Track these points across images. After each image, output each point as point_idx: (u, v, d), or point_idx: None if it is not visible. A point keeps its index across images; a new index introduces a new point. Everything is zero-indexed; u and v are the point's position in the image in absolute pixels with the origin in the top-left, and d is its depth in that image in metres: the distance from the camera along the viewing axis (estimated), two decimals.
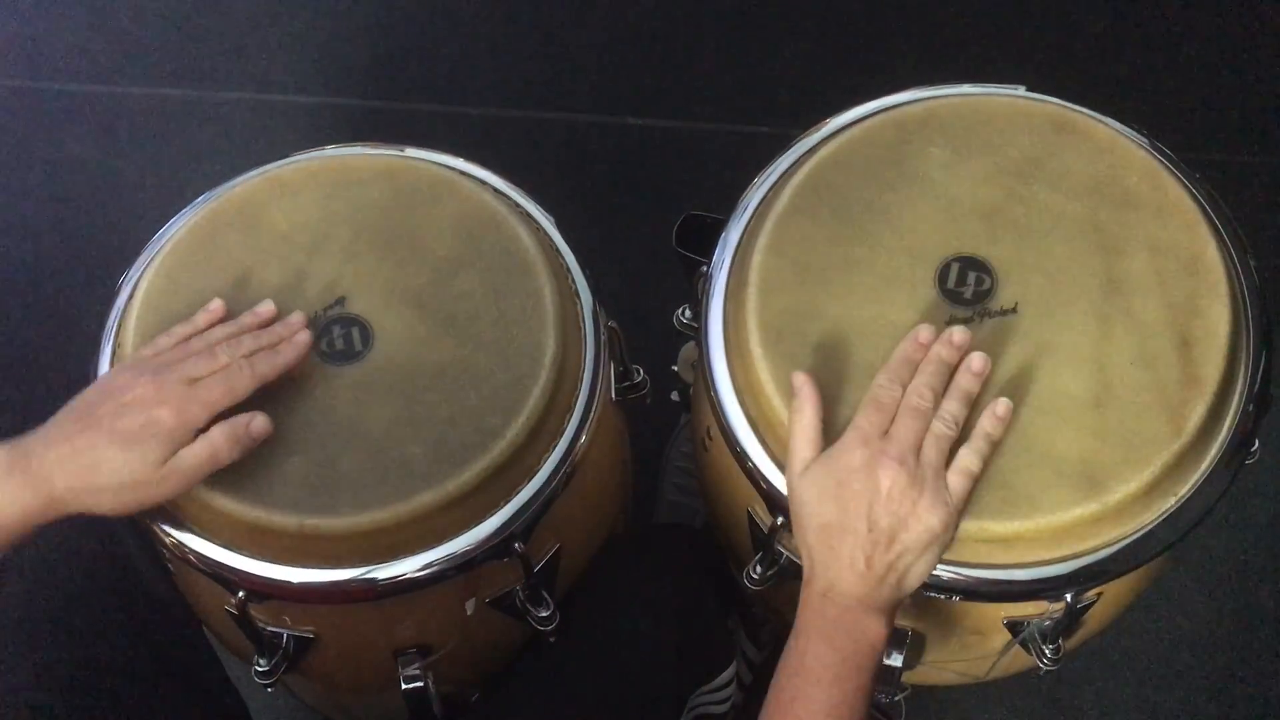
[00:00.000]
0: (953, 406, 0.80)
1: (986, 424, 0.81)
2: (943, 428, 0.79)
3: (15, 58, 1.70)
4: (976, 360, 0.82)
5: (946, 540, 0.78)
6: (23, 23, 1.73)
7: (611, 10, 1.72)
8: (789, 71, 1.67)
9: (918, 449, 0.78)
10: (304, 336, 0.85)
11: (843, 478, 0.77)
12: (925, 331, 0.83)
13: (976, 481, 0.80)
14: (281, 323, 0.86)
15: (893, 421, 0.79)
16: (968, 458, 0.79)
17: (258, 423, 0.80)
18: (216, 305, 0.87)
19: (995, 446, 0.81)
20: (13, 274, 1.54)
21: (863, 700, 0.76)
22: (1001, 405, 0.81)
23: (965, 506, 0.79)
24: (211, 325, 0.86)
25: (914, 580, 0.78)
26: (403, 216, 0.92)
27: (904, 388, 0.81)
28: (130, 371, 0.80)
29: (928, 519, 0.77)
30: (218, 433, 0.78)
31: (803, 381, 0.81)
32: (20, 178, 1.61)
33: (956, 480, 0.79)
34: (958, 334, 0.83)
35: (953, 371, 0.82)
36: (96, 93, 1.67)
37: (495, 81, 1.67)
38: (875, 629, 0.77)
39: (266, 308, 0.87)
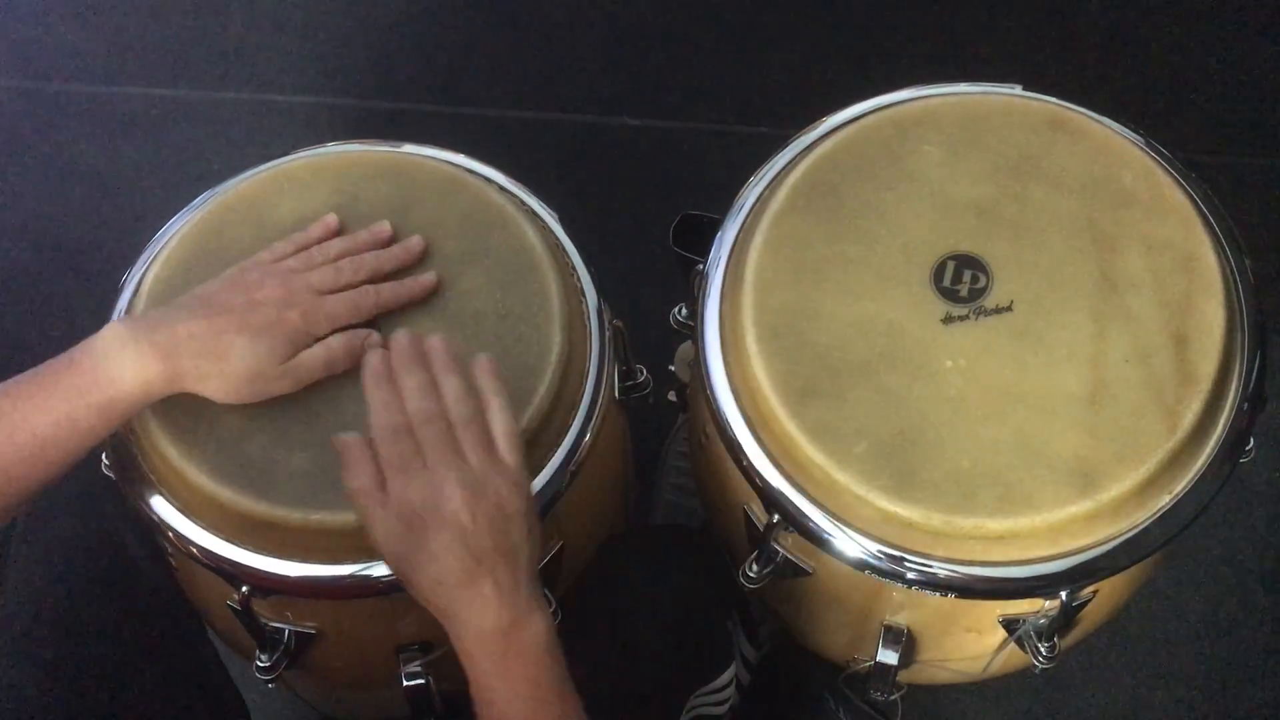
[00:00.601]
0: (450, 392, 0.75)
1: (482, 381, 0.76)
2: (461, 420, 0.74)
3: (14, 57, 1.70)
4: (425, 344, 0.77)
5: (530, 496, 0.75)
6: (21, 22, 1.73)
7: (608, 11, 1.72)
8: (785, 71, 1.67)
9: (456, 453, 0.73)
10: (430, 278, 0.87)
11: (428, 542, 0.71)
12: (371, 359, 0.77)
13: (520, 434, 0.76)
14: (401, 246, 0.88)
15: (418, 451, 0.73)
16: (499, 421, 0.75)
17: (374, 339, 0.84)
18: (332, 219, 0.89)
19: (503, 381, 0.76)
20: (10, 274, 1.55)
21: (569, 693, 0.73)
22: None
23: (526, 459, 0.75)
24: (325, 238, 0.88)
25: (536, 552, 0.74)
26: (409, 212, 0.92)
27: (401, 411, 0.74)
28: (259, 271, 0.83)
29: (514, 504, 0.73)
30: (338, 342, 0.82)
31: (340, 443, 0.74)
32: (18, 178, 1.61)
33: (506, 451, 0.74)
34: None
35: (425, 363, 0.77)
36: (95, 93, 1.67)
37: (493, 82, 1.67)
38: (536, 628, 0.72)
39: (382, 227, 0.89)
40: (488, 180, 0.95)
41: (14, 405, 0.77)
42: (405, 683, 0.88)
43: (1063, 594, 0.83)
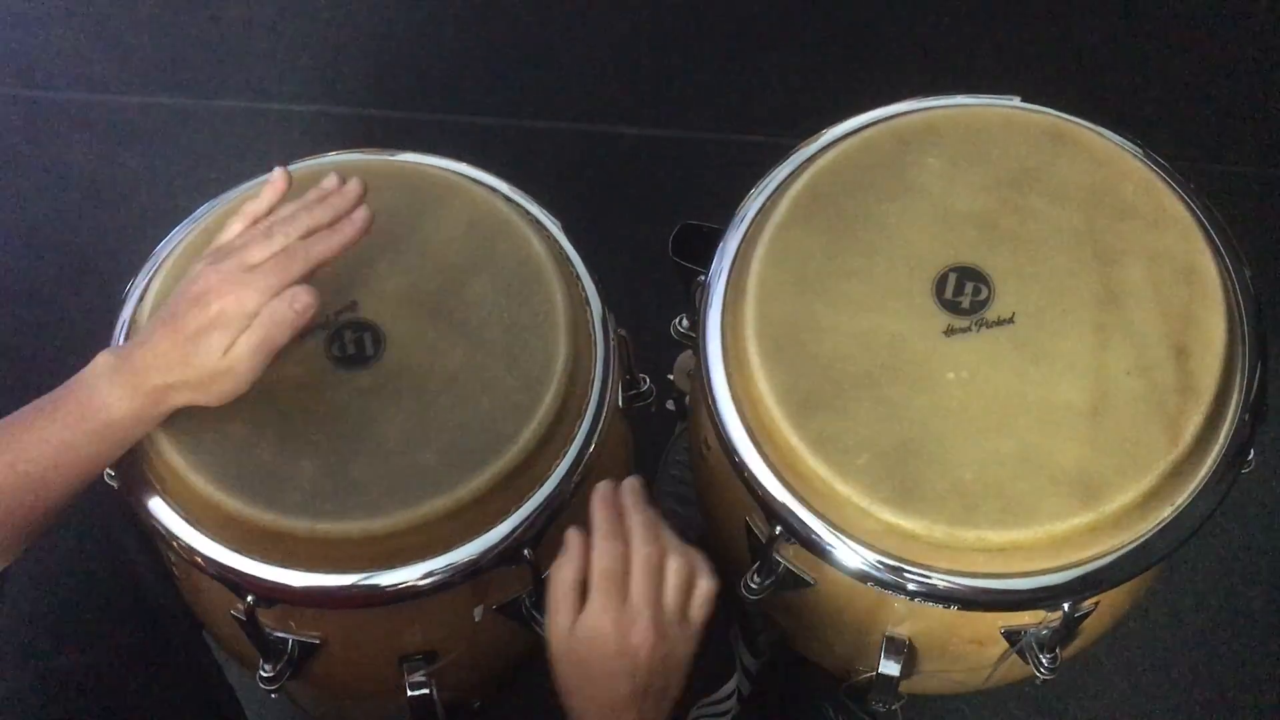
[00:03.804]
0: (677, 554, 0.79)
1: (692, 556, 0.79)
2: (675, 575, 0.78)
3: (10, 66, 1.70)
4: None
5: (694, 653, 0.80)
6: (18, 31, 1.72)
7: (606, 19, 1.72)
8: (785, 81, 1.67)
9: (658, 600, 0.77)
10: (362, 213, 0.82)
11: (601, 661, 0.76)
12: (604, 486, 0.82)
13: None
14: (338, 193, 0.83)
15: (629, 578, 0.77)
16: (705, 585, 0.79)
17: (300, 298, 0.78)
18: (278, 176, 0.84)
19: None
20: (9, 282, 1.54)
21: None
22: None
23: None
24: (275, 199, 0.83)
25: (678, 698, 0.79)
26: (414, 221, 0.92)
27: (625, 542, 0.78)
28: (200, 264, 0.80)
29: (684, 654, 0.78)
30: (265, 316, 0.77)
31: (571, 537, 0.79)
32: (16, 186, 1.61)
33: (700, 613, 0.79)
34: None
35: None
36: (92, 101, 1.67)
37: (490, 90, 1.67)
38: None
39: (330, 181, 0.84)
40: (491, 189, 0.95)
41: (15, 436, 0.77)
42: (409, 693, 0.88)
43: (1065, 606, 0.83)
